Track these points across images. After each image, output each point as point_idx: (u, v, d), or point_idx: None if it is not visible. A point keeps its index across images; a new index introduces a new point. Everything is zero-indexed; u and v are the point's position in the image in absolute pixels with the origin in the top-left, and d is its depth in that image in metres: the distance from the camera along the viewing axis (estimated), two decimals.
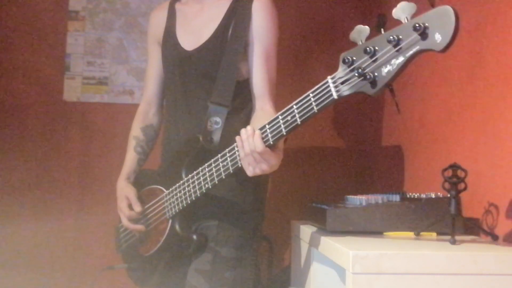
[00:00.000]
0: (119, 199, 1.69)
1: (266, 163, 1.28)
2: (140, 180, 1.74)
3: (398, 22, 1.02)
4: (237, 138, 1.31)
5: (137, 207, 1.64)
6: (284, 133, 1.23)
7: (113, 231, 1.83)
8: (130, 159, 1.76)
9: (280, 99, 1.66)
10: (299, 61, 2.71)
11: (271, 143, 1.25)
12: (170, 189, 1.58)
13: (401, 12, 0.98)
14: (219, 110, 1.53)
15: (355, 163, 2.71)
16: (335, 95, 1.11)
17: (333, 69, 1.16)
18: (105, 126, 2.62)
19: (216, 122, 1.53)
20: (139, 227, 1.65)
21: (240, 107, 1.63)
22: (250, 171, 1.31)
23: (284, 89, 2.59)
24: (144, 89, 1.86)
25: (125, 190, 1.69)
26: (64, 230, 2.54)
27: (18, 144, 2.59)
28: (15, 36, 2.64)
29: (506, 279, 1.12)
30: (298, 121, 1.18)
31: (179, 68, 1.66)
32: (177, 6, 1.76)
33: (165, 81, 1.76)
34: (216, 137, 1.51)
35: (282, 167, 1.38)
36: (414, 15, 0.98)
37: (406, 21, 0.98)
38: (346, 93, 1.10)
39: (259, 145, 1.25)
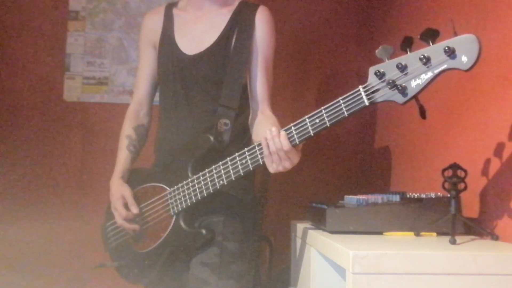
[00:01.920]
0: (113, 197, 1.71)
1: (289, 161, 1.40)
2: (134, 179, 1.76)
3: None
4: (262, 137, 1.40)
5: (134, 208, 1.68)
6: (312, 134, 1.33)
7: (100, 231, 1.83)
8: (123, 157, 1.78)
9: (281, 99, 1.67)
10: (298, 65, 2.72)
11: (297, 142, 1.36)
12: (176, 186, 1.61)
13: (427, 36, 1.16)
14: (227, 112, 1.62)
15: (355, 163, 2.71)
16: (366, 102, 1.25)
17: (332, 72, 1.18)
18: (105, 126, 2.62)
19: (226, 124, 1.61)
20: (134, 226, 1.69)
21: (242, 109, 1.70)
22: (273, 168, 1.42)
23: (285, 91, 2.60)
24: (135, 89, 1.89)
25: (120, 189, 1.71)
26: (64, 230, 2.54)
27: (18, 144, 2.59)
28: (15, 36, 2.64)
29: (506, 279, 1.12)
30: (327, 123, 1.31)
31: (180, 71, 1.71)
32: (175, 11, 1.80)
33: (162, 83, 1.80)
34: (226, 137, 1.61)
35: None
36: (438, 40, 1.17)
37: (430, 44, 1.16)
38: (379, 100, 1.24)
39: (286, 144, 1.36)
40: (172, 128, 1.74)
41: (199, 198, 1.56)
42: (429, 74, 1.17)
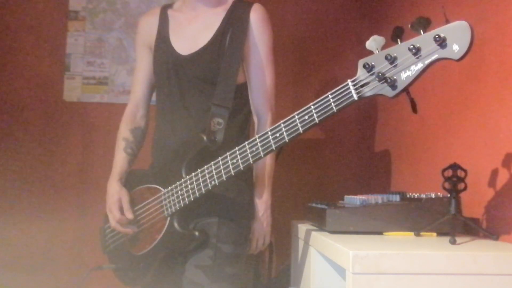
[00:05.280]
0: (110, 199, 1.69)
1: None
2: (130, 180, 1.75)
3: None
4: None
5: (129, 214, 1.66)
6: (301, 131, 1.30)
7: (99, 232, 1.81)
8: (121, 159, 1.77)
9: (283, 98, 1.67)
10: (300, 63, 2.72)
11: (286, 140, 1.33)
12: (169, 187, 1.60)
13: (418, 25, 1.12)
14: (221, 111, 1.60)
15: (355, 163, 2.71)
16: (355, 97, 1.21)
17: (334, 70, 1.17)
18: (105, 126, 2.62)
19: (219, 123, 1.59)
20: (128, 230, 1.67)
21: (238, 108, 1.69)
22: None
23: (287, 90, 2.60)
24: (131, 91, 1.89)
25: (119, 193, 1.69)
26: (64, 230, 2.54)
27: (18, 144, 2.60)
28: (15, 36, 2.64)
29: (506, 279, 1.12)
30: (316, 120, 1.27)
31: (175, 72, 1.71)
32: (170, 12, 1.81)
33: (158, 84, 1.80)
34: (219, 136, 1.58)
35: (282, 167, 1.40)
36: (429, 29, 1.12)
37: (422, 33, 1.11)
38: (367, 94, 1.20)
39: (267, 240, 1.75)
40: (168, 128, 1.73)
41: (192, 199, 1.53)
42: (420, 65, 1.12)
